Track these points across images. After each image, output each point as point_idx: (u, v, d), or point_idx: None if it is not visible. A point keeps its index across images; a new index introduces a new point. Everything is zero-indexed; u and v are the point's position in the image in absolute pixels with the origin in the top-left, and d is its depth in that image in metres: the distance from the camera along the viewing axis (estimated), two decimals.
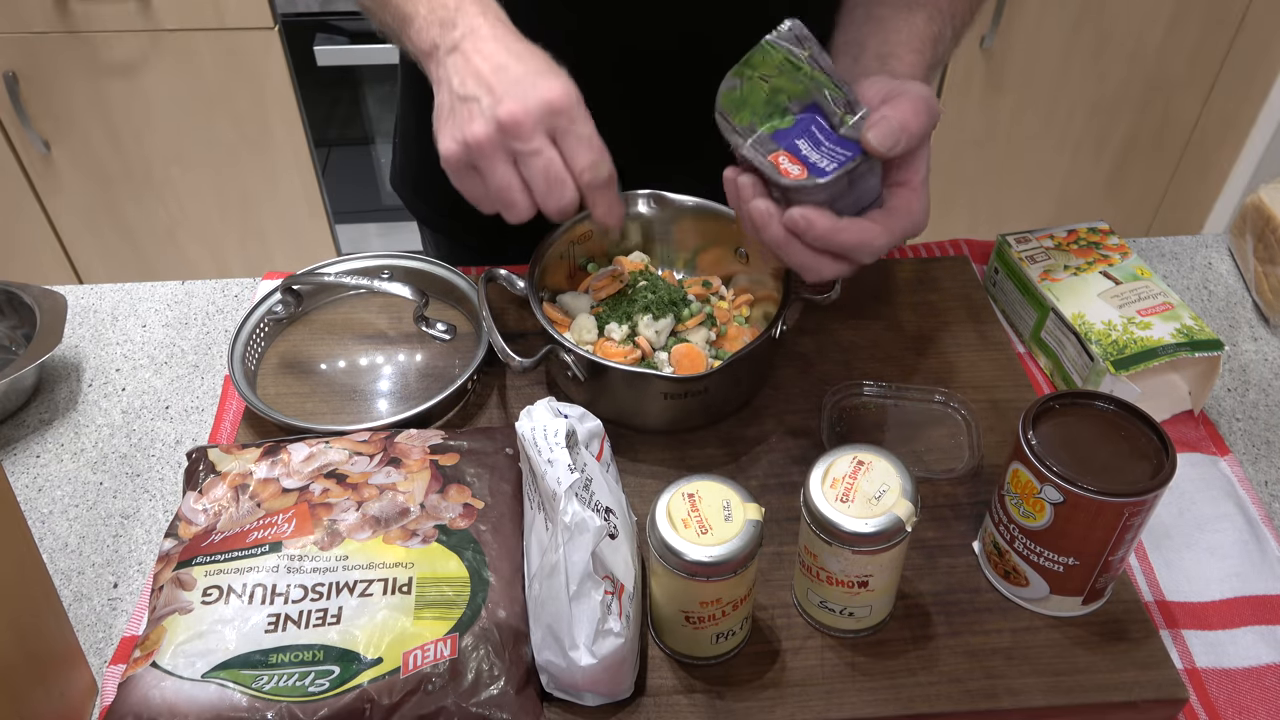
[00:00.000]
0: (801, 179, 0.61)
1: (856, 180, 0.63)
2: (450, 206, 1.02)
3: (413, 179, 1.05)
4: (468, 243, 1.06)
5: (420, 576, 0.62)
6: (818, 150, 0.62)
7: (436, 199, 1.05)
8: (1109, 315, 0.79)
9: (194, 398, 0.84)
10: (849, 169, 0.62)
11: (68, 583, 0.71)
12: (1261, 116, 2.05)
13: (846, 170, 0.62)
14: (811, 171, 0.62)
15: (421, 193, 1.05)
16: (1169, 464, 0.60)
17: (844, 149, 0.62)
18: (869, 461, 0.61)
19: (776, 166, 0.62)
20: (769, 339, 0.75)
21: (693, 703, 0.62)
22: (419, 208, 1.07)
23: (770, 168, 0.63)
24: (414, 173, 1.04)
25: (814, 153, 0.62)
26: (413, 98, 0.99)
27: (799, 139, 0.63)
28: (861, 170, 0.63)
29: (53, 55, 1.75)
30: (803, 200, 0.62)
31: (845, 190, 0.63)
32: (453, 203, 1.02)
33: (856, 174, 0.62)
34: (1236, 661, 0.66)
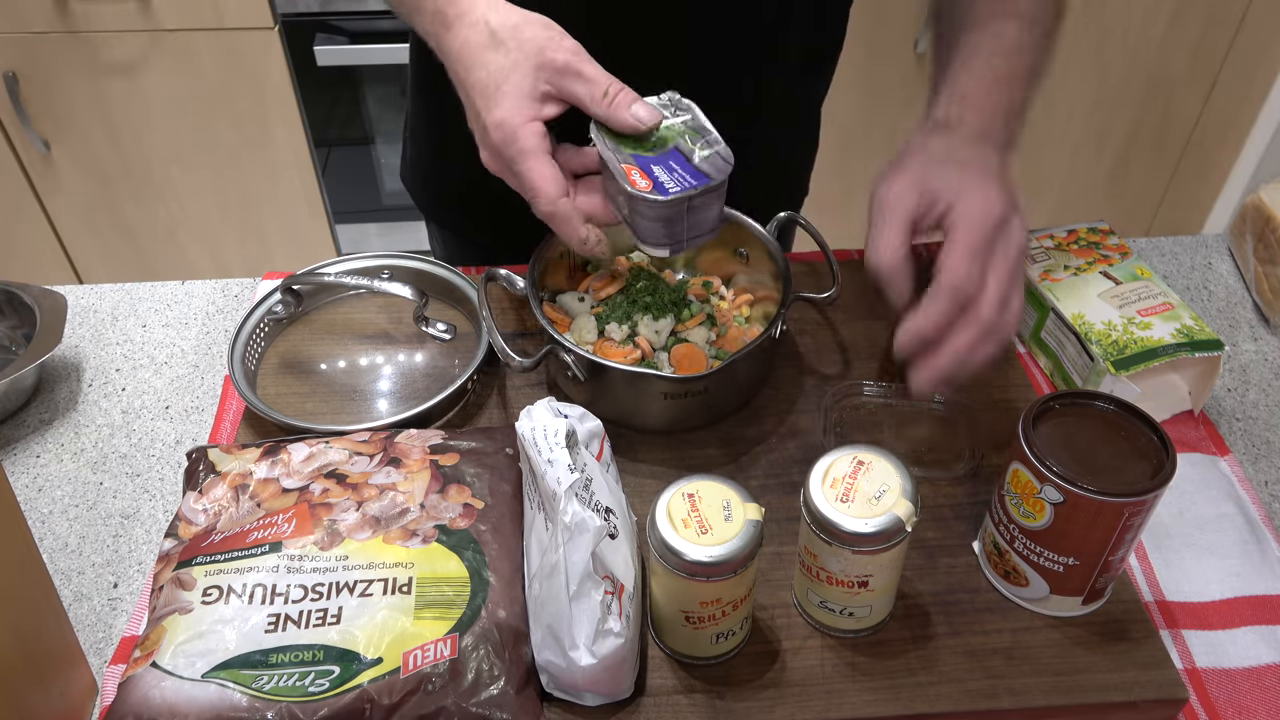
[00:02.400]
0: (645, 191, 0.64)
1: (696, 208, 0.66)
2: (458, 201, 1.03)
3: (422, 173, 1.05)
4: (479, 239, 1.06)
5: (420, 576, 0.62)
6: (669, 175, 0.65)
7: (444, 193, 1.04)
8: (1109, 315, 0.79)
9: (194, 398, 0.84)
10: (689, 194, 0.64)
11: (68, 583, 0.71)
12: (1261, 116, 2.05)
13: (687, 195, 0.64)
14: (656, 189, 0.64)
15: (430, 187, 1.05)
16: (1169, 464, 0.60)
17: (692, 178, 0.65)
18: (869, 461, 0.61)
19: (626, 175, 0.65)
20: (769, 339, 0.75)
21: (693, 703, 0.62)
22: (427, 202, 1.07)
23: (620, 174, 0.65)
24: (423, 167, 1.04)
25: (664, 175, 0.65)
26: (422, 93, 0.99)
27: (655, 164, 0.66)
28: (702, 200, 0.66)
29: (53, 55, 1.75)
30: (642, 212, 0.66)
31: (682, 214, 0.66)
32: (460, 196, 1.02)
33: (696, 202, 0.65)
34: (1236, 661, 0.66)
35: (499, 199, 0.98)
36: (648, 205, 0.65)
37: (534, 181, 0.65)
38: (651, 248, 0.68)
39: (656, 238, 0.68)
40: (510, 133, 0.64)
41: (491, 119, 0.65)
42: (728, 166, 0.66)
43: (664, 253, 0.69)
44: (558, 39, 0.65)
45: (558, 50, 0.65)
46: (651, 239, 0.68)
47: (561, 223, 0.67)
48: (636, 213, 0.66)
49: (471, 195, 1.00)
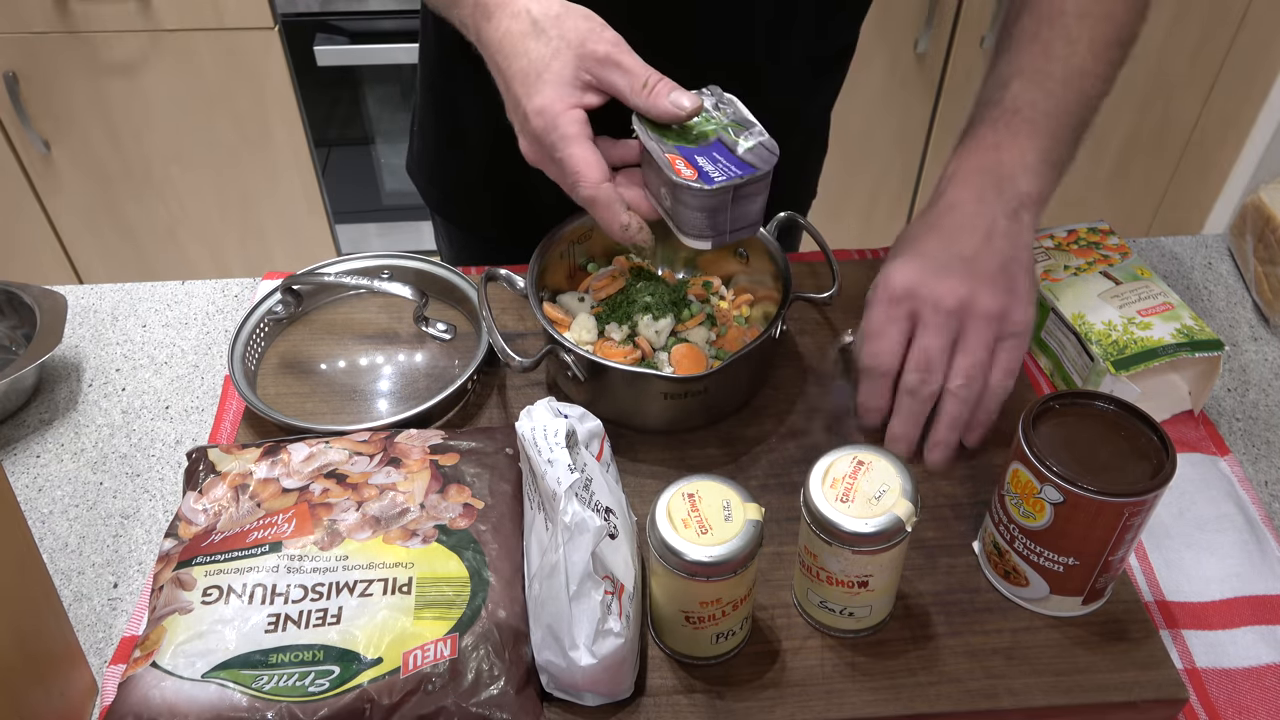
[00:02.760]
0: (690, 179, 0.64)
1: (741, 198, 0.66)
2: (464, 194, 1.03)
3: (429, 166, 1.05)
4: (483, 233, 1.06)
5: (420, 576, 0.62)
6: (713, 165, 0.65)
7: (450, 186, 1.04)
8: (1109, 315, 0.79)
9: (194, 398, 0.84)
10: (735, 183, 0.65)
11: (68, 583, 0.71)
12: (1261, 116, 2.05)
13: (732, 184, 0.64)
14: (701, 178, 0.64)
15: (437, 180, 1.05)
16: (1169, 464, 0.60)
17: (737, 168, 0.65)
18: (869, 461, 0.61)
19: (670, 164, 0.65)
20: (769, 339, 0.75)
21: (693, 703, 0.62)
22: (433, 196, 1.07)
23: (665, 163, 0.65)
24: (430, 160, 1.04)
25: (709, 165, 0.65)
26: (432, 87, 0.99)
27: (699, 155, 0.66)
28: (748, 190, 0.66)
29: (53, 55, 1.75)
30: (685, 201, 0.65)
31: (727, 204, 0.66)
32: (466, 189, 1.03)
33: (742, 192, 0.65)
34: (1236, 661, 0.66)
35: (505, 192, 0.98)
36: (692, 194, 0.65)
37: (575, 166, 0.65)
38: (693, 240, 0.68)
39: (699, 229, 0.67)
40: (551, 119, 0.64)
41: (532, 106, 0.65)
42: (773, 157, 0.66)
43: (705, 245, 0.68)
44: (599, 30, 0.65)
45: (599, 41, 0.65)
46: (694, 230, 0.67)
47: (603, 208, 0.66)
48: (680, 203, 0.66)
49: (478, 188, 1.01)
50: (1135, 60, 0.83)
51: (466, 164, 0.99)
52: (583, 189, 0.65)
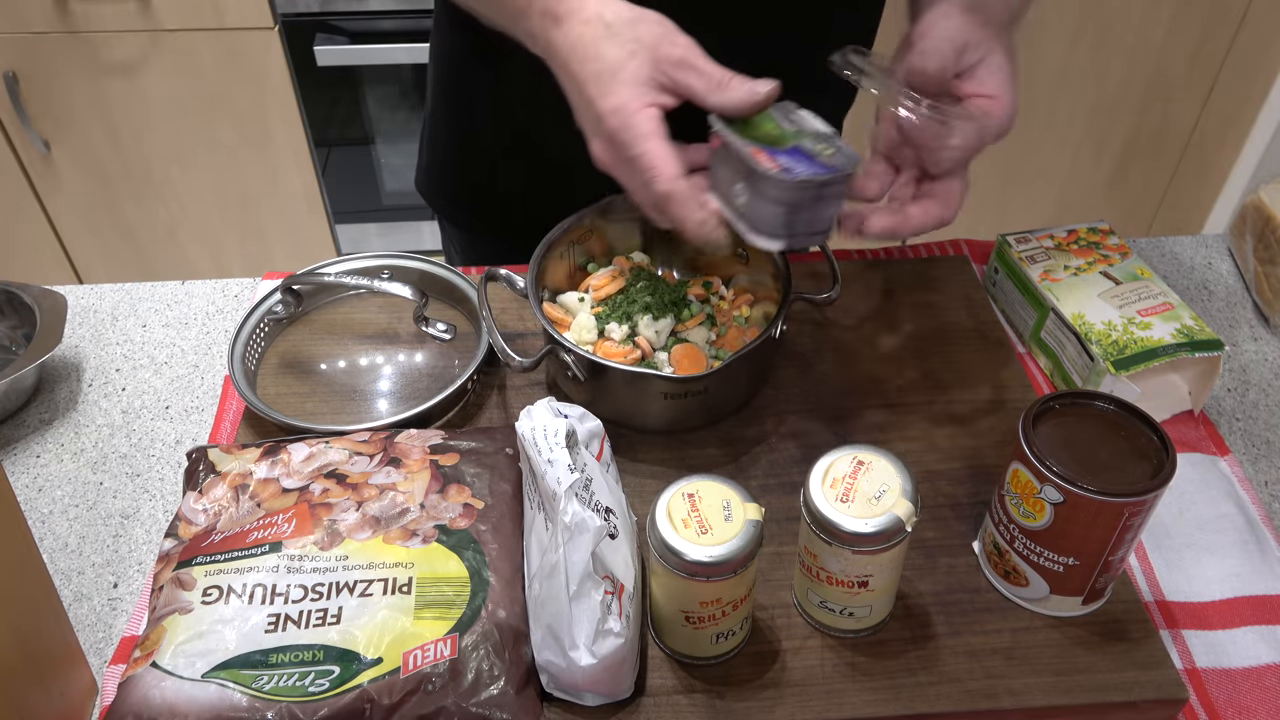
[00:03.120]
0: (773, 169, 0.63)
1: (823, 197, 0.65)
2: (477, 199, 1.03)
3: (440, 176, 1.04)
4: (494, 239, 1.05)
5: (420, 576, 0.62)
6: (796, 163, 0.65)
7: (461, 192, 1.04)
8: (1109, 315, 0.79)
9: (194, 398, 0.84)
10: (820, 178, 0.64)
11: (68, 583, 0.71)
12: (1261, 116, 2.05)
13: (818, 179, 0.64)
14: (784, 171, 0.64)
15: (447, 189, 1.05)
16: (1169, 464, 0.60)
17: (821, 168, 0.65)
18: (869, 461, 0.61)
19: (754, 156, 0.64)
20: (769, 339, 0.75)
21: (693, 703, 0.62)
22: (443, 204, 1.07)
23: (748, 156, 0.64)
24: (440, 170, 1.04)
25: (791, 162, 0.65)
26: (446, 95, 0.98)
27: (780, 154, 0.66)
28: (829, 190, 0.65)
29: (53, 55, 1.75)
30: (766, 194, 0.64)
31: (809, 202, 0.65)
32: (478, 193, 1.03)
33: (826, 191, 0.65)
34: (1236, 661, 0.66)
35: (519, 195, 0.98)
36: (774, 186, 0.64)
37: (651, 161, 0.65)
38: (764, 239, 0.67)
39: (773, 227, 0.66)
40: (626, 118, 0.65)
41: (607, 105, 0.65)
42: (855, 162, 0.66)
43: (777, 245, 0.67)
44: (672, 34, 0.66)
45: (673, 45, 0.65)
46: (767, 228, 0.66)
47: (680, 203, 0.66)
48: (759, 196, 0.65)
49: (491, 192, 1.01)
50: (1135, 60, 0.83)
51: (481, 168, 0.99)
52: (659, 184, 0.65)
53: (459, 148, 1.00)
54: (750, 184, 0.65)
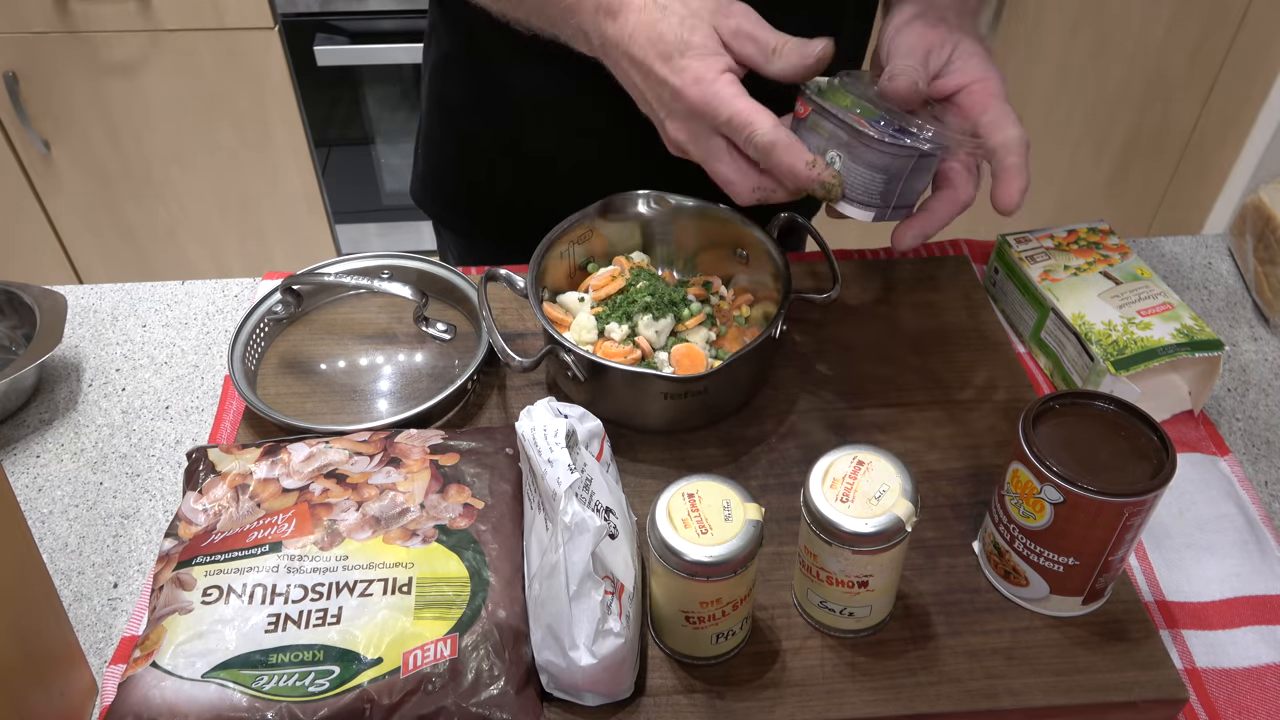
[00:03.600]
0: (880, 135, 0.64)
1: (916, 171, 0.66)
2: (473, 203, 1.03)
3: (436, 182, 1.04)
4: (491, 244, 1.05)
5: (420, 576, 0.62)
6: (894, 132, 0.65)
7: (456, 195, 1.03)
8: (1109, 315, 0.79)
9: (194, 398, 0.84)
10: (924, 150, 0.65)
11: (68, 583, 0.71)
12: (1261, 116, 2.05)
13: (922, 150, 0.65)
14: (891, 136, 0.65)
15: (444, 194, 1.04)
16: (1169, 464, 0.60)
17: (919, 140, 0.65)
18: (869, 461, 0.61)
19: (857, 121, 0.65)
20: (769, 339, 0.75)
21: (693, 703, 0.62)
22: (439, 209, 1.07)
23: (852, 120, 0.65)
24: (436, 174, 1.03)
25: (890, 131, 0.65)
26: (439, 103, 0.98)
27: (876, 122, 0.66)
28: (924, 164, 0.66)
29: (53, 55, 1.75)
30: (866, 160, 0.65)
31: (907, 171, 0.66)
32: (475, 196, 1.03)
33: (923, 163, 0.66)
34: (1236, 661, 0.66)
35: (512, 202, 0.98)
36: (878, 150, 0.64)
37: (748, 117, 0.64)
38: (857, 208, 0.67)
39: (868, 194, 0.66)
40: (707, 87, 0.65)
41: (684, 79, 0.65)
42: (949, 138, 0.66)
43: (868, 215, 0.67)
44: (726, 4, 0.67)
45: (728, 15, 0.66)
46: (862, 195, 0.67)
47: (784, 150, 0.65)
48: (857, 162, 0.65)
49: (486, 197, 1.01)
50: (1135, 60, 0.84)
51: (476, 173, 0.99)
52: (759, 136, 0.65)
53: (454, 152, 1.00)
54: (848, 150, 0.65)
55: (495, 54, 0.89)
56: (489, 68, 0.90)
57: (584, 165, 0.72)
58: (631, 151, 0.81)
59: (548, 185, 0.94)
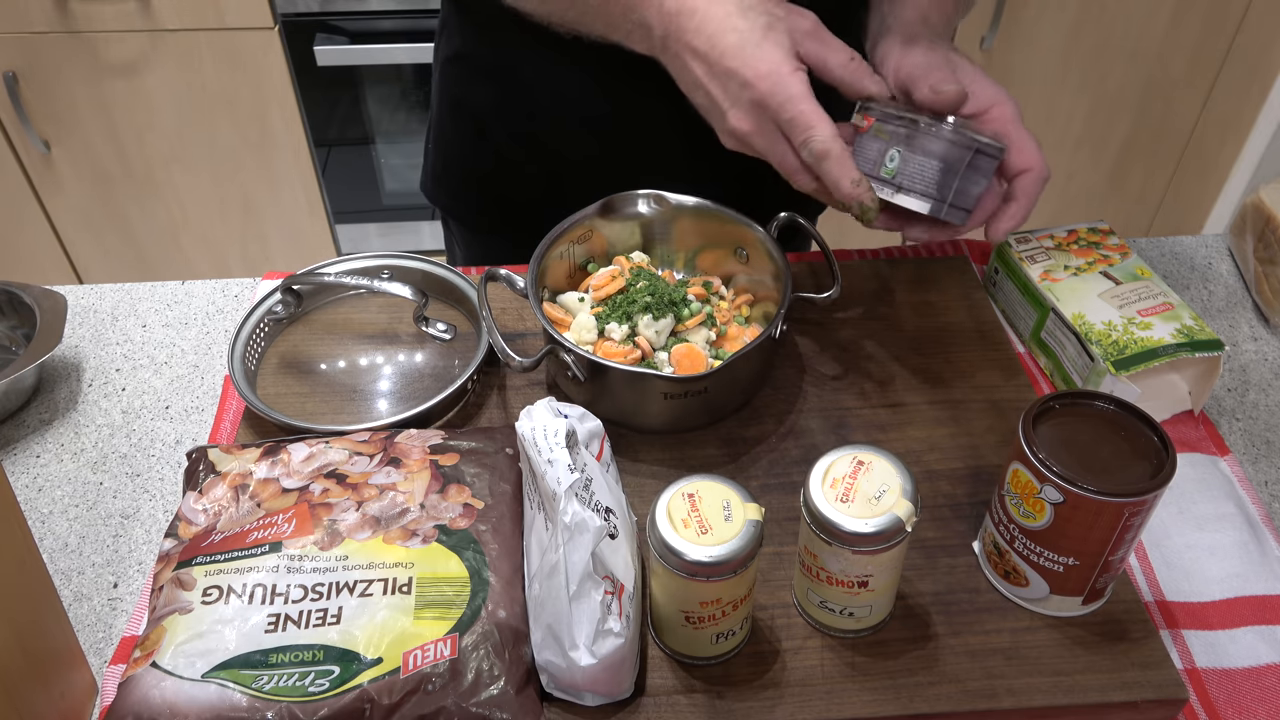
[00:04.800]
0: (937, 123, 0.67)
1: (976, 166, 0.68)
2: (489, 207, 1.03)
3: (446, 179, 1.05)
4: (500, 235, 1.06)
5: (420, 576, 0.62)
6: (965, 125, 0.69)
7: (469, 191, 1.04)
8: (1109, 315, 0.79)
9: (194, 398, 0.84)
10: (980, 143, 0.67)
11: (68, 583, 0.71)
12: (1261, 116, 2.05)
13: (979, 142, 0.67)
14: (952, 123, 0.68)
15: (455, 189, 1.05)
16: (1169, 464, 0.60)
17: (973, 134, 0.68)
18: (869, 461, 0.61)
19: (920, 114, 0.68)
20: (769, 339, 0.75)
21: (693, 703, 0.62)
22: (453, 208, 1.07)
23: (914, 113, 0.68)
24: (447, 173, 1.04)
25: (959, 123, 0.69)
26: (450, 100, 0.99)
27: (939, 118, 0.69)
28: (983, 162, 0.68)
29: (53, 55, 1.75)
30: (927, 149, 0.68)
31: (963, 165, 0.68)
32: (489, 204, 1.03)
33: (980, 160, 0.68)
34: (1236, 661, 0.66)
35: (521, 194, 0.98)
36: (936, 138, 0.67)
37: (810, 120, 0.66)
38: (914, 198, 0.69)
39: (925, 183, 0.68)
40: (778, 80, 0.66)
41: (756, 71, 0.66)
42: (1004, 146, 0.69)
43: (925, 206, 0.69)
44: (799, 11, 0.69)
45: (803, 17, 0.69)
46: (919, 185, 0.69)
47: (838, 160, 0.67)
48: (916, 151, 0.68)
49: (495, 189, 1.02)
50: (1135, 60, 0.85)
51: (485, 164, 1.00)
52: (816, 142, 0.66)
53: (464, 147, 1.00)
54: (908, 143, 0.68)
55: (506, 50, 0.90)
56: (499, 63, 0.91)
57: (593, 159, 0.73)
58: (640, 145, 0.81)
59: (557, 178, 0.95)
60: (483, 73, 0.93)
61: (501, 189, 1.00)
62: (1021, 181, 0.72)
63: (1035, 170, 0.71)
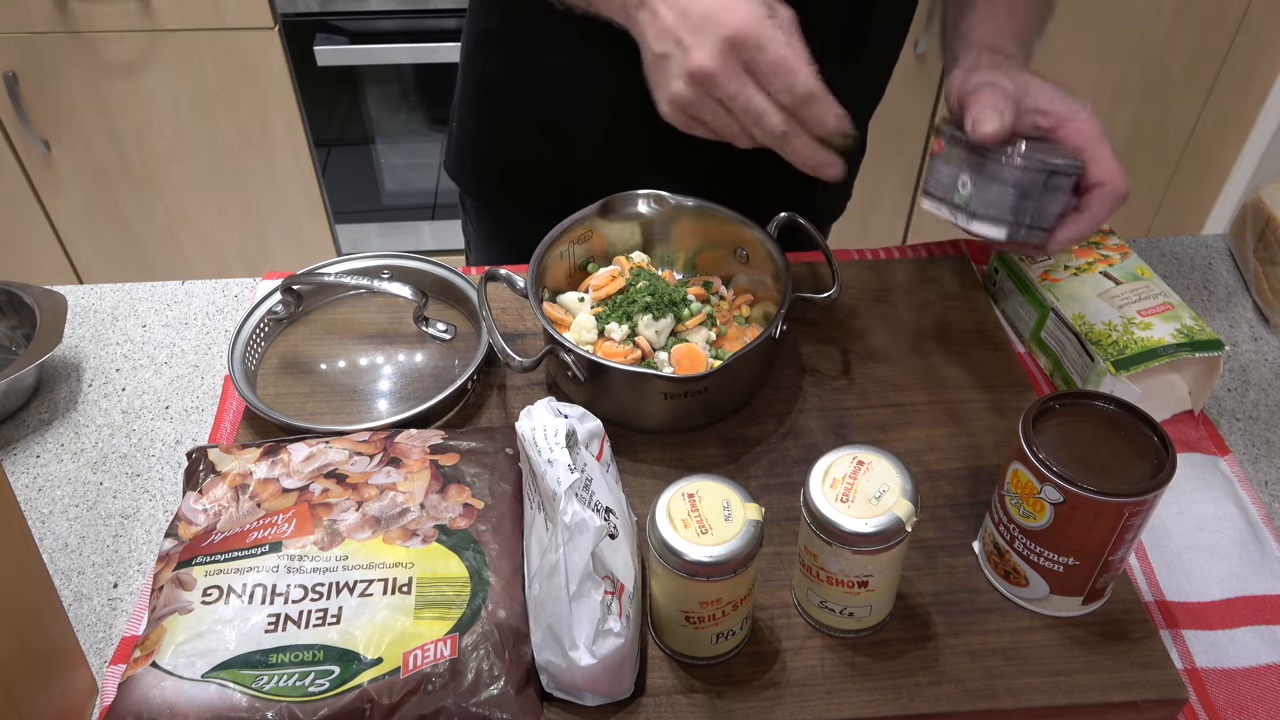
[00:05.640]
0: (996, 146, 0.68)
1: (1051, 188, 0.68)
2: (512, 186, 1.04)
3: (471, 161, 1.06)
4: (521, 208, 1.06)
5: (420, 576, 0.62)
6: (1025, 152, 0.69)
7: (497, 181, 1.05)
8: (1109, 316, 0.79)
9: (194, 398, 0.84)
10: (1054, 166, 0.68)
11: (68, 583, 0.71)
12: (1261, 116, 2.05)
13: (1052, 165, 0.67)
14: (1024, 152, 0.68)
15: (480, 176, 1.06)
16: (1169, 464, 0.60)
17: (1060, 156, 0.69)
18: (869, 461, 0.61)
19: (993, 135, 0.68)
20: (769, 339, 0.75)
21: (693, 703, 0.62)
22: (476, 190, 1.08)
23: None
24: (473, 155, 1.05)
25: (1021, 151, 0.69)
26: (473, 80, 1.00)
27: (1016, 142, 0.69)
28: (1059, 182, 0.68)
29: (53, 55, 1.75)
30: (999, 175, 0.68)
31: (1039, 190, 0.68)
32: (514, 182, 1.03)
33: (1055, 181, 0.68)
34: (1236, 661, 0.66)
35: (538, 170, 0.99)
36: (1009, 166, 0.67)
37: (793, 63, 0.65)
38: (988, 225, 0.69)
39: (1001, 210, 0.68)
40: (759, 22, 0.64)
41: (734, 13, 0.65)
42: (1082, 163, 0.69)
43: (1001, 233, 0.69)
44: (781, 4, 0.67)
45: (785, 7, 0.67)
46: (994, 211, 0.69)
47: (821, 100, 0.66)
48: (989, 178, 0.68)
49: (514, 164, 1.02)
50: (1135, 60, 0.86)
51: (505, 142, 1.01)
52: (802, 83, 0.65)
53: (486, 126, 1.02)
54: (980, 170, 0.67)
55: (529, 23, 0.90)
56: (522, 38, 0.92)
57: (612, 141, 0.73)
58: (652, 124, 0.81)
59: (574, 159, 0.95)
60: (505, 49, 0.94)
61: (518, 165, 1.02)
62: (1095, 195, 0.71)
63: (1110, 185, 0.71)
